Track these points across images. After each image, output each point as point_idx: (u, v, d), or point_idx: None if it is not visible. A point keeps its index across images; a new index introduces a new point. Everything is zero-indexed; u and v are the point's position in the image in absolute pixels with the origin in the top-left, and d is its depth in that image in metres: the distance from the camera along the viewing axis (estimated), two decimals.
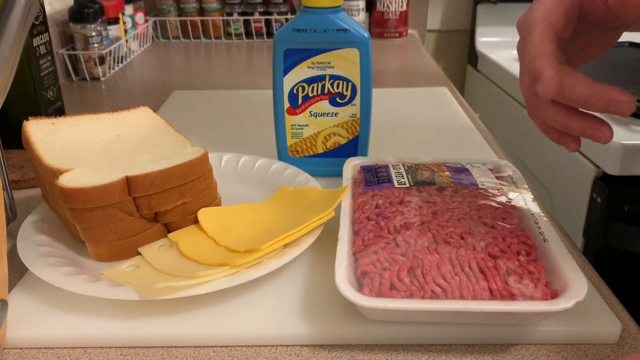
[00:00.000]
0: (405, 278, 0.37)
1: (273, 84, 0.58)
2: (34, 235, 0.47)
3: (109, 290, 0.39)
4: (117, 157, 0.48)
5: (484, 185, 0.49)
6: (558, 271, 0.38)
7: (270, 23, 1.34)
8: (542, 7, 0.39)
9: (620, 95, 0.38)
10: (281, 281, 0.44)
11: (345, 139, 0.60)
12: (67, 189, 0.42)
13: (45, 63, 0.70)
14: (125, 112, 0.55)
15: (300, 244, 0.44)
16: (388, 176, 0.50)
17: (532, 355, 0.38)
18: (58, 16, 1.05)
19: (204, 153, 0.48)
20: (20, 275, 0.46)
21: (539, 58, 0.38)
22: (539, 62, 0.37)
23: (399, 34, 1.37)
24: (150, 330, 0.39)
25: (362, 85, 0.57)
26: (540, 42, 0.38)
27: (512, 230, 0.42)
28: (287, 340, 0.39)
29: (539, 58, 0.38)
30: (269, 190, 0.56)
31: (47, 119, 0.51)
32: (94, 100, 0.96)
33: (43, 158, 0.46)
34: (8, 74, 0.38)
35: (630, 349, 0.38)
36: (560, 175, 1.03)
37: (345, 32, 0.55)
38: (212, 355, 0.38)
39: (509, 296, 0.36)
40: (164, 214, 0.47)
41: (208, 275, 0.40)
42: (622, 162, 0.85)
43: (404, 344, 0.39)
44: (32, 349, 0.39)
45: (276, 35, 0.56)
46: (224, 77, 1.05)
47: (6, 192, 0.51)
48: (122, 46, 1.14)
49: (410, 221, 0.43)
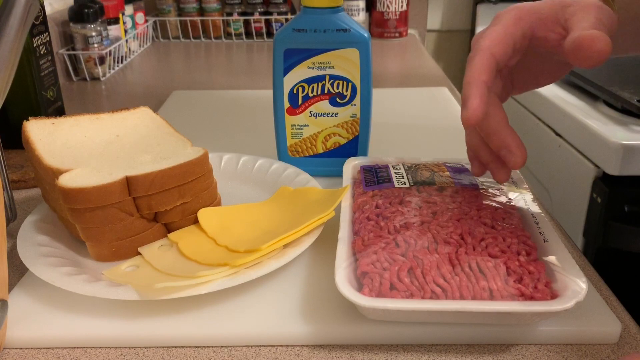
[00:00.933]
0: (405, 278, 0.37)
1: (273, 84, 0.58)
2: (34, 235, 0.47)
3: (109, 290, 0.39)
4: (117, 157, 0.48)
5: (484, 185, 0.49)
6: (558, 271, 0.38)
7: (270, 23, 1.34)
8: (492, 35, 0.41)
9: (516, 147, 0.40)
10: (281, 281, 0.44)
11: (345, 139, 0.60)
12: (67, 189, 0.42)
13: (45, 63, 0.70)
14: (125, 112, 0.55)
15: (300, 244, 0.44)
16: (388, 176, 0.50)
17: (532, 355, 0.38)
18: (58, 16, 1.05)
19: (204, 153, 0.48)
20: (20, 275, 0.46)
21: (471, 85, 0.39)
22: (469, 90, 0.39)
23: (399, 34, 1.37)
24: (150, 330, 0.39)
25: (362, 85, 0.57)
26: (477, 70, 0.39)
27: (512, 230, 0.42)
28: (287, 340, 0.39)
29: (471, 85, 0.39)
30: (269, 190, 0.56)
31: (47, 119, 0.51)
32: (94, 100, 0.96)
33: (43, 158, 0.46)
34: (8, 74, 0.38)
35: (630, 349, 0.38)
36: (560, 175, 1.03)
37: (345, 32, 0.55)
38: (212, 355, 0.38)
39: (509, 296, 0.36)
40: (164, 214, 0.47)
41: (208, 275, 0.40)
42: (622, 162, 0.85)
43: (404, 344, 0.39)
44: (32, 349, 0.39)
45: (276, 35, 0.56)
46: (224, 77, 1.05)
47: (6, 192, 0.51)
48: (122, 46, 1.14)
49: (410, 221, 0.43)
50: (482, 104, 0.38)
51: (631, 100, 0.91)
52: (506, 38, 0.40)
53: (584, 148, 0.94)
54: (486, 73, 0.39)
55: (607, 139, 0.86)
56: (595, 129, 0.90)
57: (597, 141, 0.89)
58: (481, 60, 0.39)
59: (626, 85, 0.98)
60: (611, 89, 0.96)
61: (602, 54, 0.34)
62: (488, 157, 0.44)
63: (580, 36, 0.35)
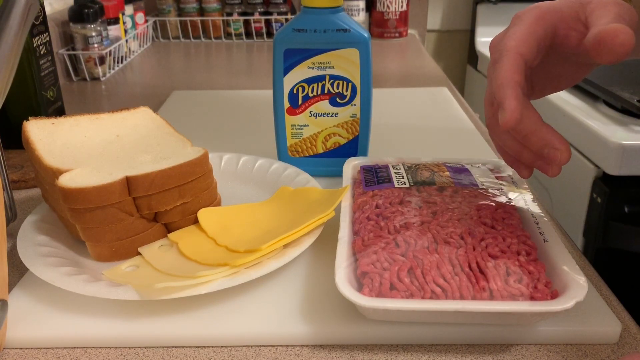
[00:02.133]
0: (405, 278, 0.37)
1: (273, 84, 0.58)
2: (34, 235, 0.47)
3: (109, 290, 0.39)
4: (117, 157, 0.48)
5: (484, 185, 0.49)
6: (558, 271, 0.38)
7: (270, 23, 1.34)
8: (516, 34, 0.39)
9: (559, 143, 0.39)
10: (281, 281, 0.44)
11: (345, 139, 0.60)
12: (67, 189, 0.42)
13: (45, 63, 0.70)
14: (125, 112, 0.55)
15: (300, 244, 0.44)
16: (388, 176, 0.50)
17: (532, 355, 0.38)
18: (58, 16, 1.05)
19: (204, 153, 0.48)
20: (20, 275, 0.46)
21: (505, 87, 0.38)
22: (504, 91, 0.38)
23: (399, 34, 1.37)
24: (150, 330, 0.39)
25: (362, 86, 0.57)
26: (508, 71, 0.38)
27: (512, 230, 0.42)
28: (287, 340, 0.39)
29: (505, 87, 0.38)
30: (269, 190, 0.56)
31: (47, 119, 0.51)
32: (94, 100, 0.96)
33: (43, 158, 0.46)
34: (8, 74, 0.38)
35: (630, 349, 0.38)
36: (560, 175, 1.03)
37: (345, 32, 0.55)
38: (212, 355, 0.38)
39: (509, 296, 0.36)
40: (164, 214, 0.47)
41: (208, 275, 0.40)
42: (622, 162, 0.85)
43: (404, 344, 0.39)
44: (32, 349, 0.39)
45: (276, 35, 0.56)
46: (224, 77, 1.05)
47: (6, 192, 0.51)
48: (122, 46, 1.14)
49: (410, 221, 0.43)
50: (520, 105, 0.37)
51: (631, 100, 0.91)
52: (530, 37, 0.39)
53: (584, 148, 0.94)
54: (518, 73, 0.38)
55: (607, 139, 0.86)
56: (595, 129, 0.90)
57: (597, 141, 0.89)
58: (510, 61, 0.38)
59: (626, 85, 0.98)
60: (611, 89, 0.96)
61: (625, 46, 0.34)
62: (532, 158, 0.42)
63: (602, 30, 0.34)
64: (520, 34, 0.39)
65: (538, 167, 0.43)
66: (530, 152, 0.42)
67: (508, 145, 0.43)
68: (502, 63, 0.38)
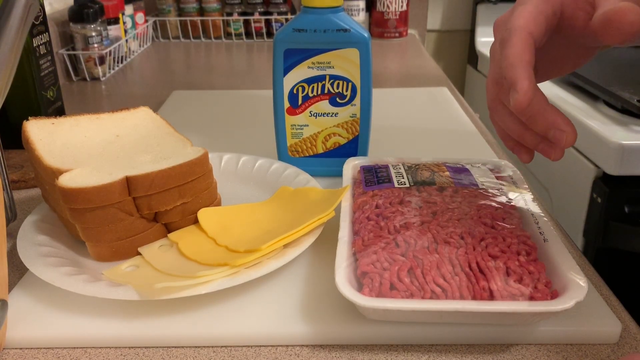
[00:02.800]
0: (405, 278, 0.37)
1: (273, 84, 0.58)
2: (34, 235, 0.47)
3: (109, 290, 0.39)
4: (117, 157, 0.48)
5: (484, 185, 0.49)
6: (558, 271, 0.38)
7: (270, 23, 1.34)
8: (524, 13, 0.38)
9: (565, 125, 0.38)
10: (281, 281, 0.44)
11: (345, 139, 0.60)
12: (67, 189, 0.42)
13: (45, 63, 0.70)
14: (125, 112, 0.55)
15: (300, 244, 0.44)
16: (388, 176, 0.50)
17: (532, 355, 0.38)
18: (58, 16, 1.05)
19: (204, 153, 0.48)
20: (20, 275, 0.46)
21: (517, 67, 0.36)
22: (516, 71, 0.36)
23: (399, 34, 1.37)
24: (150, 330, 0.39)
25: (362, 85, 0.57)
26: (519, 50, 0.37)
27: (512, 230, 0.42)
28: (287, 340, 0.39)
29: (517, 67, 0.36)
30: (269, 190, 0.56)
31: (47, 119, 0.51)
32: (94, 100, 0.96)
33: (43, 158, 0.46)
34: (8, 74, 0.38)
35: (630, 349, 0.38)
36: (560, 175, 1.03)
37: (345, 32, 0.55)
38: (212, 355, 0.38)
39: (509, 296, 0.36)
40: (164, 214, 0.47)
41: (208, 275, 0.40)
42: (622, 162, 0.85)
43: (404, 344, 0.39)
44: (32, 349, 0.39)
45: (276, 35, 0.56)
46: (224, 77, 1.05)
47: (6, 192, 0.51)
48: (122, 46, 1.14)
49: (410, 221, 0.43)
50: (533, 85, 0.36)
51: (631, 100, 0.91)
52: (540, 16, 0.38)
53: (584, 148, 0.94)
54: (528, 52, 0.37)
55: (607, 139, 0.86)
56: (595, 129, 0.90)
57: (597, 141, 0.89)
58: (521, 40, 0.37)
59: (626, 85, 0.98)
60: (611, 89, 0.96)
61: (633, 25, 0.33)
62: (535, 140, 0.41)
63: (610, 10, 0.33)
64: (529, 13, 0.38)
65: (540, 150, 0.41)
66: (533, 135, 0.41)
67: (510, 128, 0.42)
68: (512, 42, 0.37)
